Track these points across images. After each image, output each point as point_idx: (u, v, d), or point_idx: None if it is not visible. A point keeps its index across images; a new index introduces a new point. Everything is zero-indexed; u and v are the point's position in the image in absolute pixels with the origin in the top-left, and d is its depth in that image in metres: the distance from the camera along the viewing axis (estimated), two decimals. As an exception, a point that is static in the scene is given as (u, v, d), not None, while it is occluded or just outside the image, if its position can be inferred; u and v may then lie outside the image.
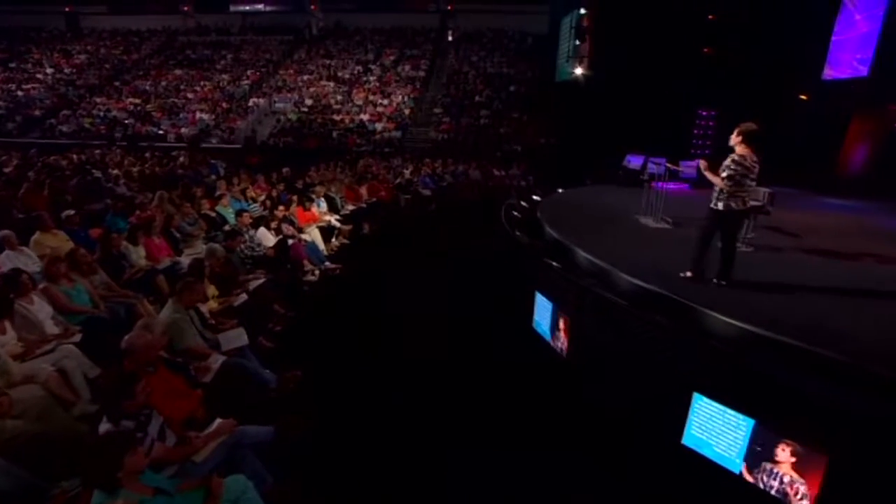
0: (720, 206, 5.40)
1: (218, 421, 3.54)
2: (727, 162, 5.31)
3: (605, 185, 14.08)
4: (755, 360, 4.10)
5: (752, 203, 6.98)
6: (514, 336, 6.83)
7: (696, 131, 16.81)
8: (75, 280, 5.40)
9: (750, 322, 4.50)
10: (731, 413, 3.91)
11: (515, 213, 10.00)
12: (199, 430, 3.45)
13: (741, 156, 5.26)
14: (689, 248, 5.87)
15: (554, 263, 6.84)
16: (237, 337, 5.06)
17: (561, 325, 6.05)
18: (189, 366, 4.22)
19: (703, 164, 5.70)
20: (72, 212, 7.30)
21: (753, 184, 5.35)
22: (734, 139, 5.36)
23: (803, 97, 14.96)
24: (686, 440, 4.27)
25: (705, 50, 16.49)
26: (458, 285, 8.45)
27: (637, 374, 4.84)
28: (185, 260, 7.21)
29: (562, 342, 6.07)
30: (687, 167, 12.30)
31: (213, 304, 5.94)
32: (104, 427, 2.89)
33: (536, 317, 6.80)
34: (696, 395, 4.17)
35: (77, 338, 4.85)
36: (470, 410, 5.03)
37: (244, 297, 6.19)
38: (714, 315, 4.79)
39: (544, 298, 6.58)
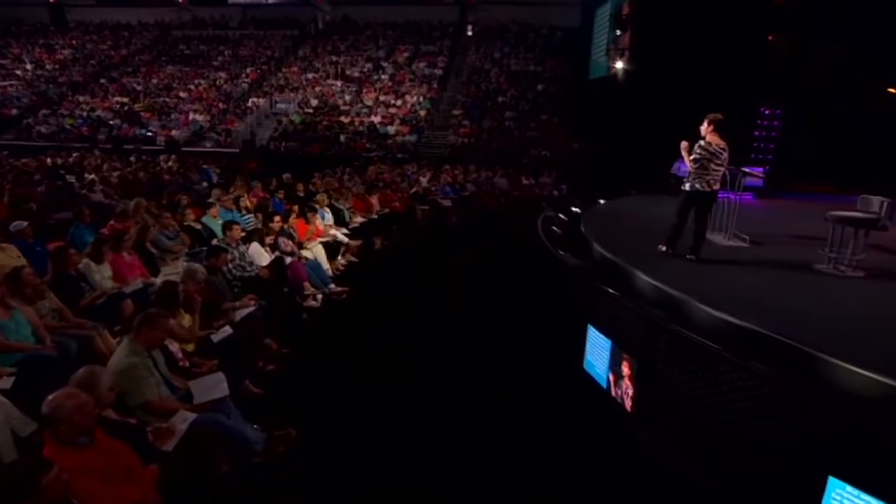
0: (687, 187, 6.59)
1: (174, 518, 2.78)
2: (695, 147, 6.44)
3: (653, 196, 13.29)
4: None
5: (859, 214, 6.36)
6: (559, 378, 6.12)
7: (757, 133, 15.91)
8: (13, 308, 4.69)
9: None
10: (892, 511, 3.06)
11: (555, 228, 9.26)
12: (146, 534, 2.68)
13: (708, 142, 6.40)
14: (779, 270, 6.48)
15: (610, 290, 6.06)
16: (214, 385, 4.32)
17: (624, 370, 5.26)
18: (145, 429, 3.47)
19: (684, 144, 6.64)
20: (24, 223, 6.63)
21: (721, 169, 6.48)
22: (704, 128, 6.51)
23: (894, 91, 14.03)
24: (816, 540, 3.42)
25: (770, 38, 15.62)
26: (486, 312, 7.81)
27: (738, 446, 4.00)
28: (160, 281, 6.54)
29: (625, 392, 5.29)
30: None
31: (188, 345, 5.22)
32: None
33: (588, 356, 6.12)
34: (832, 481, 3.32)
35: (8, 383, 4.16)
36: (505, 471, 4.43)
37: (228, 329, 5.46)
38: (840, 364, 3.94)
39: (599, 334, 5.87)
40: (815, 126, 13.71)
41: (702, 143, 6.42)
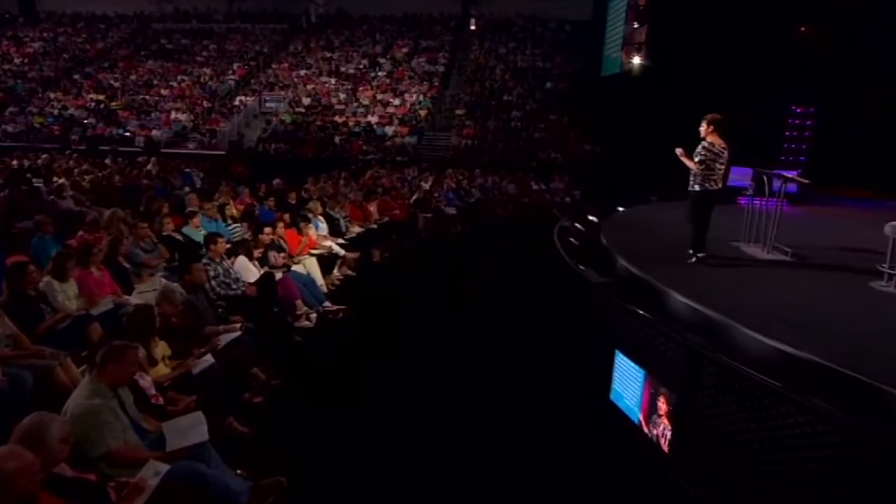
0: (697, 188, 7.01)
1: None
2: (699, 149, 6.90)
3: (676, 203, 13.05)
4: None
5: None
6: (580, 410, 5.82)
7: (787, 133, 15.67)
8: (-41, 335, 4.37)
9: None
10: None
11: (572, 240, 8.99)
12: None
13: (710, 143, 6.84)
14: (831, 288, 6.41)
15: (641, 312, 5.76)
16: (192, 427, 4.00)
17: (661, 405, 4.94)
18: (108, 485, 3.14)
19: (679, 150, 7.08)
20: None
21: (723, 168, 6.91)
22: (704, 130, 6.93)
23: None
24: None
25: (802, 29, 15.43)
26: (497, 331, 7.70)
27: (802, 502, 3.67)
28: (135, 300, 6.27)
29: (661, 430, 4.97)
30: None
31: (162, 370, 4.91)
32: None
33: (616, 385, 5.87)
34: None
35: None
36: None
37: (209, 359, 5.14)
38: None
39: (629, 362, 5.60)
40: (852, 125, 13.43)
41: (704, 143, 6.85)
